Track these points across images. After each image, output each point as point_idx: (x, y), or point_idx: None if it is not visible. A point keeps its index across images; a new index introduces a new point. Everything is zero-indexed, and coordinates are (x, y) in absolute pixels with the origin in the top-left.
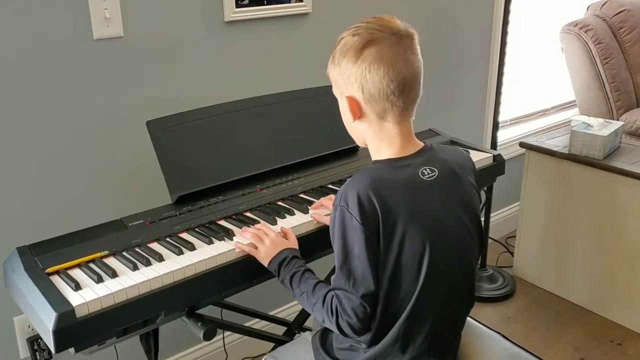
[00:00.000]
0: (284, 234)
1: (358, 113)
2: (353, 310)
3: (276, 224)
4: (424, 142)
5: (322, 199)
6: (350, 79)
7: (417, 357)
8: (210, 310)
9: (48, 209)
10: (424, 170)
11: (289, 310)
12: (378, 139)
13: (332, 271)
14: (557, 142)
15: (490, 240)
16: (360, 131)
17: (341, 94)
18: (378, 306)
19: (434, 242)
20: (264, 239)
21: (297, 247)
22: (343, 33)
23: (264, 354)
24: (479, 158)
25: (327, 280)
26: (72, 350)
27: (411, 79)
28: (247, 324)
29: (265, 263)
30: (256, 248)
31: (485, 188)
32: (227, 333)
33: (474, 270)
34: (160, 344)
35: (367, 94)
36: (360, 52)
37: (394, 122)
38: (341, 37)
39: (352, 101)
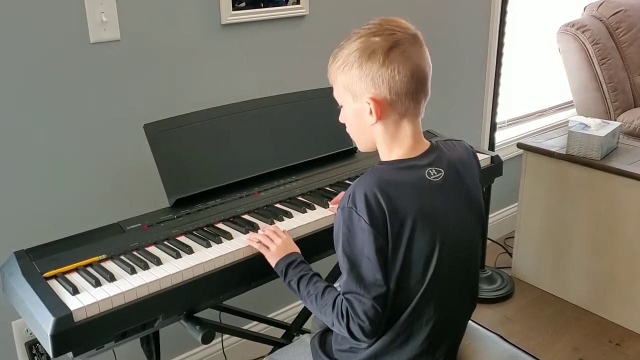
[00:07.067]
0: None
1: (381, 115)
2: (365, 314)
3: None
4: (430, 141)
5: (342, 192)
6: (376, 81)
7: (418, 355)
8: (208, 313)
9: (45, 213)
10: (430, 171)
11: (287, 313)
12: (391, 140)
13: (331, 273)
14: (555, 143)
15: (488, 241)
16: (373, 135)
17: (354, 98)
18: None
19: (442, 243)
20: (276, 239)
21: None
22: (354, 35)
23: (262, 357)
24: None
25: (329, 281)
26: (70, 354)
27: (427, 76)
28: (245, 327)
29: (273, 262)
30: (267, 247)
31: (484, 189)
32: (225, 336)
33: (478, 270)
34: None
35: (394, 94)
36: (387, 53)
37: (410, 120)
38: (356, 38)
39: (377, 103)
